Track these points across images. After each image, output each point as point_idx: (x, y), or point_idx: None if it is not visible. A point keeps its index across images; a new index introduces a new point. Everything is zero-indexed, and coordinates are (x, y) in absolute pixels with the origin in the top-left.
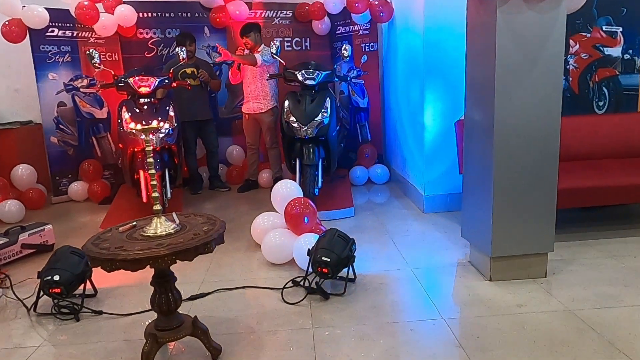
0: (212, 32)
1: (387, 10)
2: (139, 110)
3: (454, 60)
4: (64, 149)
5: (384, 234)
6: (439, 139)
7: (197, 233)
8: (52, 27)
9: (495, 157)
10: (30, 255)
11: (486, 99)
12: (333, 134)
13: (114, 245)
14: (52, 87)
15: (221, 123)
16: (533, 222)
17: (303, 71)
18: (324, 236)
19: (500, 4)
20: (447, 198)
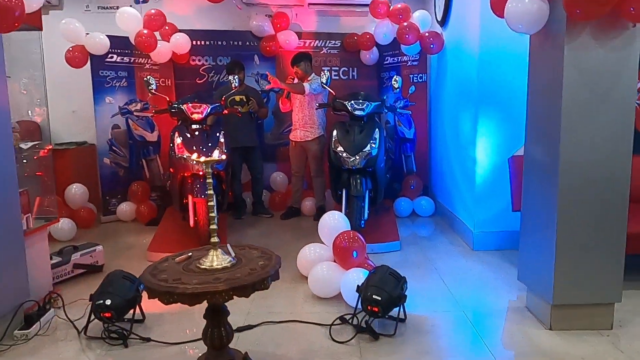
0: (262, 60)
1: (437, 41)
2: (191, 136)
3: (508, 94)
4: (115, 170)
5: (432, 271)
6: (492, 174)
7: (254, 268)
8: (112, 54)
9: (559, 197)
10: (81, 275)
11: (550, 136)
12: (381, 165)
13: (171, 277)
14: (108, 110)
15: (266, 149)
16: (599, 268)
17: (352, 101)
18: (374, 273)
19: (569, 41)
20: (499, 236)
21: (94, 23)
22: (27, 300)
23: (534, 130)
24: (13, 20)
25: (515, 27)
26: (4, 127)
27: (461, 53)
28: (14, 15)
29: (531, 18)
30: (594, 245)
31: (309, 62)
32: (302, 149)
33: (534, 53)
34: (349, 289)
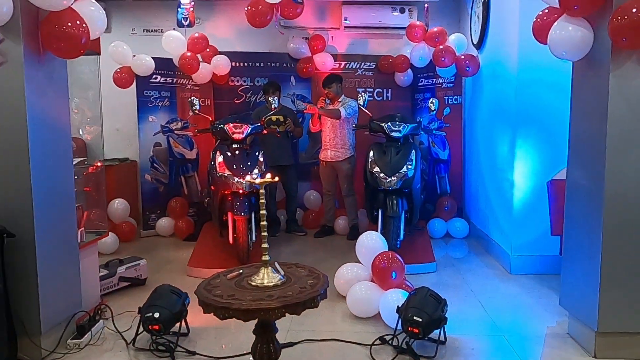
0: (298, 81)
1: (473, 64)
2: (232, 155)
3: (547, 117)
4: (155, 186)
5: (469, 293)
6: (530, 197)
7: (304, 287)
8: (156, 74)
9: (604, 223)
10: (125, 288)
11: (594, 162)
12: (417, 186)
13: (226, 293)
14: (151, 128)
15: (301, 168)
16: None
17: (389, 123)
18: (415, 294)
19: (614, 69)
20: (537, 260)
21: (138, 45)
22: (79, 311)
23: (577, 156)
24: (80, 47)
25: (559, 54)
26: (66, 145)
27: (498, 76)
28: (80, 42)
29: (575, 45)
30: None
31: (340, 84)
32: (332, 169)
33: (577, 79)
34: (388, 310)
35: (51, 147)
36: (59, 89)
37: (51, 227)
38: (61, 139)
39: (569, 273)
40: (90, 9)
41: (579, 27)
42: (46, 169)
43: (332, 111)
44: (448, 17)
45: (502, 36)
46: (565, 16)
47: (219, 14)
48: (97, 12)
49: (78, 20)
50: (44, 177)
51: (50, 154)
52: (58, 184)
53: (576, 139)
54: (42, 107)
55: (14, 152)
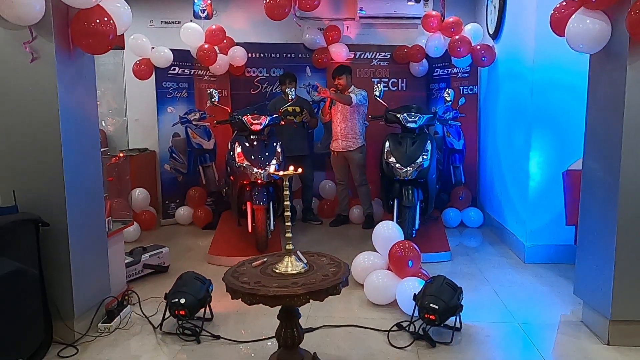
0: (313, 71)
1: (489, 54)
2: (250, 145)
3: (564, 108)
4: (174, 176)
5: (484, 282)
6: (545, 187)
7: (326, 274)
8: (174, 66)
9: (619, 213)
10: (148, 275)
11: (610, 153)
12: (432, 176)
13: (252, 280)
14: (169, 119)
15: (316, 158)
16: None
17: (405, 114)
18: (431, 282)
19: (632, 61)
20: (551, 249)
21: (156, 37)
22: (108, 296)
23: (593, 147)
24: (107, 43)
25: (576, 47)
26: (94, 137)
27: (514, 66)
28: (108, 38)
29: (593, 38)
30: None
31: (350, 75)
32: (344, 159)
33: (595, 72)
34: (405, 297)
35: (81, 140)
36: (88, 83)
37: (82, 217)
38: (90, 132)
39: (583, 262)
40: (117, 5)
41: (596, 20)
42: (77, 161)
43: (343, 97)
44: (464, 6)
45: (519, 26)
46: (583, 9)
47: (235, 5)
48: (122, 9)
49: (105, 17)
50: (75, 169)
51: (81, 146)
52: (88, 175)
53: (592, 131)
54: (73, 102)
55: (47, 146)
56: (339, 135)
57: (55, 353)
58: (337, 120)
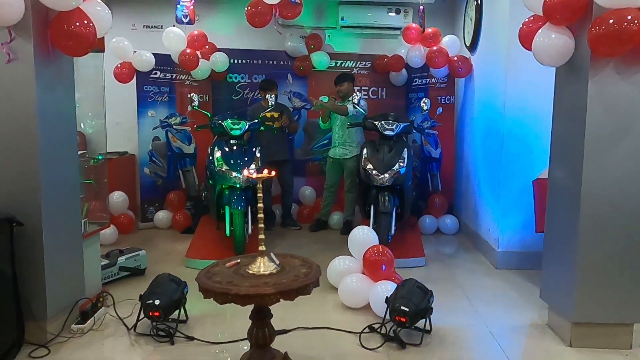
0: (295, 79)
1: (465, 66)
2: (229, 150)
3: (534, 118)
4: (154, 180)
5: (456, 287)
6: (517, 195)
7: (297, 275)
8: (156, 70)
9: (580, 220)
10: (125, 277)
11: (573, 163)
12: (408, 183)
13: (225, 280)
14: (150, 123)
15: (296, 164)
16: (620, 289)
17: (383, 122)
18: (402, 285)
19: (593, 75)
20: (522, 256)
21: (138, 41)
22: (82, 298)
23: (558, 156)
24: (87, 46)
25: (542, 60)
26: (72, 138)
27: (489, 77)
28: (87, 41)
29: (557, 52)
30: (615, 267)
31: (352, 83)
32: (339, 166)
33: (560, 84)
34: (378, 300)
35: (59, 141)
36: (67, 85)
37: (57, 217)
38: (68, 134)
39: (549, 267)
40: (97, 8)
41: (561, 35)
42: (54, 162)
43: (339, 108)
44: (442, 18)
45: (493, 40)
46: (548, 24)
47: (218, 11)
48: (103, 12)
49: (85, 19)
50: (52, 170)
51: (58, 147)
52: (65, 176)
53: (557, 140)
54: (51, 103)
55: (24, 146)
56: (337, 143)
57: (27, 353)
58: (336, 128)
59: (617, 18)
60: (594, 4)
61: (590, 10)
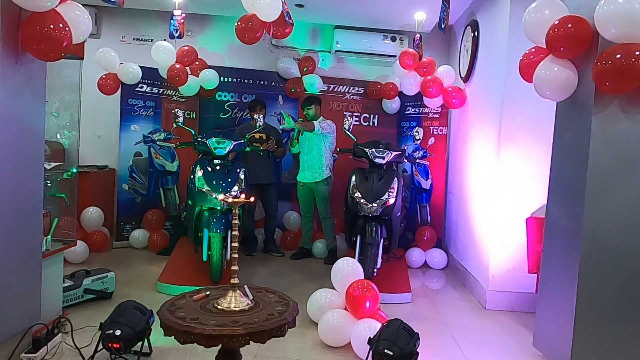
0: (286, 100)
1: (460, 97)
2: (212, 170)
3: (530, 154)
4: (132, 197)
5: (443, 327)
6: (508, 233)
7: (271, 313)
8: (142, 84)
9: (581, 264)
10: (90, 301)
11: (574, 202)
12: (397, 214)
13: (189, 316)
14: (132, 137)
15: (282, 188)
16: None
17: (374, 149)
18: (387, 326)
19: (597, 111)
20: (513, 296)
21: (127, 53)
22: (36, 323)
23: (556, 195)
24: (60, 50)
25: (543, 94)
26: (38, 149)
27: (484, 110)
28: (61, 45)
29: (560, 86)
30: (616, 315)
31: (319, 106)
32: (309, 190)
33: (561, 120)
34: (360, 340)
35: (21, 151)
36: (36, 91)
37: (13, 234)
38: (33, 143)
39: (543, 313)
40: (76, 12)
41: (564, 69)
42: (13, 173)
43: (305, 125)
44: (438, 48)
45: (489, 72)
46: (551, 57)
47: (211, 28)
48: (82, 17)
49: (61, 23)
50: (9, 182)
51: (20, 157)
52: (25, 189)
53: (556, 178)
54: (16, 109)
55: None
56: (305, 166)
57: None
58: (303, 151)
59: (624, 53)
60: (600, 38)
61: (595, 43)
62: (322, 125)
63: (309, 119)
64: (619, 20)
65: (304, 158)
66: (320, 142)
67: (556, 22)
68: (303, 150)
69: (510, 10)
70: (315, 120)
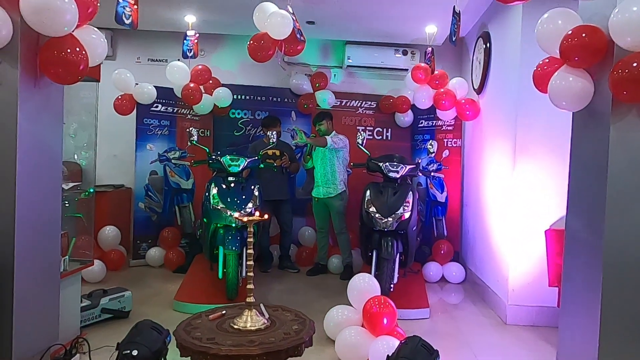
0: (298, 116)
1: (473, 109)
2: (227, 187)
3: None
4: (148, 215)
5: (463, 344)
6: (527, 245)
7: (288, 332)
8: (157, 103)
9: (604, 277)
10: (107, 320)
11: (594, 214)
12: (413, 228)
13: (205, 336)
14: (148, 156)
15: (296, 204)
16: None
17: (387, 163)
18: (406, 343)
19: (615, 121)
20: (534, 311)
21: (143, 74)
22: (55, 344)
23: (576, 207)
24: (77, 74)
25: (559, 104)
26: (56, 171)
27: (498, 121)
28: (78, 69)
29: (575, 96)
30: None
31: (331, 121)
32: (324, 206)
33: (577, 130)
34: (378, 358)
35: (40, 173)
36: (54, 114)
37: (33, 256)
38: (51, 164)
39: (567, 328)
40: (92, 36)
41: (579, 79)
42: (33, 195)
43: (318, 140)
44: (450, 61)
45: (503, 83)
46: (565, 67)
47: (224, 47)
48: (98, 40)
49: (77, 47)
50: (30, 203)
51: (39, 180)
52: (44, 211)
53: (575, 190)
54: (35, 132)
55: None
56: (319, 182)
57: None
58: (317, 167)
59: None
60: (615, 46)
61: (611, 52)
62: (335, 140)
63: (321, 134)
64: (635, 28)
65: (318, 173)
66: (333, 157)
67: (570, 32)
68: (316, 165)
69: (522, 21)
70: (327, 135)
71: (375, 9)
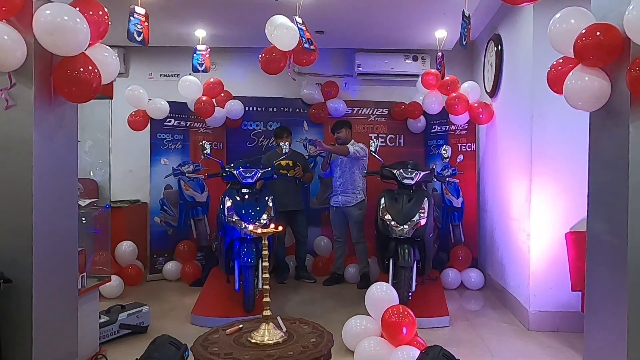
0: (310, 126)
1: (486, 112)
2: (241, 199)
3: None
4: (164, 229)
5: (485, 352)
6: (548, 248)
7: (306, 346)
8: (170, 118)
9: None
10: (126, 336)
11: (616, 215)
12: (430, 235)
13: (223, 351)
14: (162, 171)
15: (311, 214)
16: None
17: (401, 170)
18: (426, 353)
19: (634, 119)
20: (557, 316)
21: (155, 89)
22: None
23: (597, 208)
24: (90, 92)
25: (575, 104)
26: (72, 188)
27: (512, 124)
28: (91, 87)
29: (592, 96)
30: None
31: (349, 129)
32: (343, 215)
33: (595, 129)
34: None
35: (57, 191)
36: (69, 132)
37: (51, 273)
38: (67, 183)
39: (592, 333)
40: (104, 54)
41: (595, 78)
42: (49, 213)
43: (339, 148)
44: (461, 65)
45: (516, 85)
46: (580, 66)
47: (234, 60)
48: (110, 58)
49: (90, 65)
50: (47, 221)
51: (55, 197)
52: (61, 228)
53: (596, 191)
54: (50, 150)
55: (17, 196)
56: (338, 190)
57: None
58: (336, 175)
59: None
60: (632, 44)
61: (627, 49)
62: (357, 149)
63: (339, 143)
64: None
65: (337, 182)
66: (353, 165)
67: (583, 30)
68: (335, 174)
69: (534, 22)
70: (346, 143)
71: (384, 15)
